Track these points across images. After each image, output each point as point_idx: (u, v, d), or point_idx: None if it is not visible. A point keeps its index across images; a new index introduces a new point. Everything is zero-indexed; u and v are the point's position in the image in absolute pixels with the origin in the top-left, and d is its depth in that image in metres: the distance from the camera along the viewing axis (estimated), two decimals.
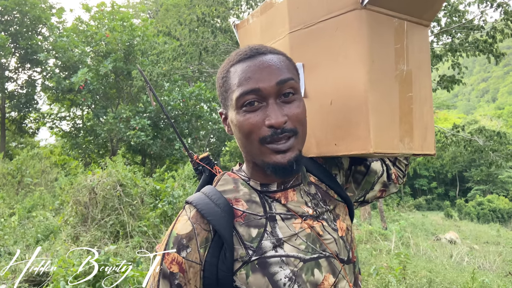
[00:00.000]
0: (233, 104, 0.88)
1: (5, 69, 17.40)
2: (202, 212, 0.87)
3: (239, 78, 0.87)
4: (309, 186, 1.00)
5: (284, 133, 0.85)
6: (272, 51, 0.91)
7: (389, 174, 1.25)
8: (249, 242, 0.85)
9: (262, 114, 0.85)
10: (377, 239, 10.25)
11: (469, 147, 10.27)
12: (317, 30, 1.05)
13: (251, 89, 0.84)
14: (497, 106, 71.73)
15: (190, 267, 0.83)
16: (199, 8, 10.97)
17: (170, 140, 15.82)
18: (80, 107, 18.07)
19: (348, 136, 0.99)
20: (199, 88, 15.97)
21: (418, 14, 1.06)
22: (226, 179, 0.97)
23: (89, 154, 17.96)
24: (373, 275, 5.32)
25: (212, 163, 1.23)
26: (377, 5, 0.97)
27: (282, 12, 1.14)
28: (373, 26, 0.97)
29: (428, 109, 1.09)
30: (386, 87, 0.99)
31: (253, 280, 0.82)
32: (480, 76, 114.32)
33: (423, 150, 1.06)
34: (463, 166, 35.95)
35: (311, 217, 0.93)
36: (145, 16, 24.36)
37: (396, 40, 1.02)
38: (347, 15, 0.98)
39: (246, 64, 0.88)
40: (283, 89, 0.86)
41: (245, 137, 0.88)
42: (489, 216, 26.12)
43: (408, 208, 26.25)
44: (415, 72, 1.05)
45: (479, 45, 8.22)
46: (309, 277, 0.85)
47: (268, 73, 0.86)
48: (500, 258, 9.63)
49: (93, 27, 17.00)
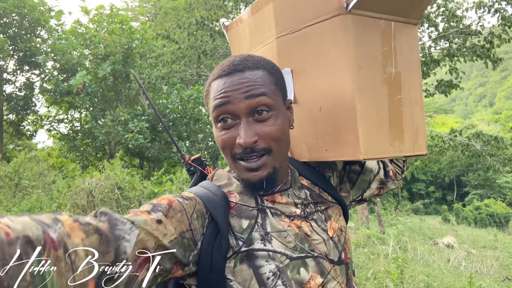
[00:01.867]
0: (212, 119, 0.91)
1: (3, 71, 17.37)
2: (202, 199, 0.89)
3: (214, 94, 0.89)
4: (300, 190, 1.01)
5: (254, 153, 0.86)
6: (251, 67, 0.90)
7: (387, 171, 1.26)
8: (239, 233, 0.87)
9: (234, 132, 0.87)
10: (375, 243, 10.25)
11: (466, 151, 10.31)
12: (304, 35, 1.04)
13: (222, 105, 0.86)
14: (495, 111, 71.94)
15: (180, 211, 0.81)
16: (198, 12, 11.00)
17: (168, 143, 15.81)
18: (78, 110, 18.04)
19: (338, 142, 0.99)
20: (198, 91, 15.98)
21: (405, 13, 1.04)
22: (220, 173, 1.00)
23: (87, 156, 17.92)
24: (371, 279, 5.32)
25: (204, 164, 1.25)
26: (363, 8, 0.95)
27: (268, 16, 1.12)
28: (358, 31, 0.96)
29: (419, 110, 1.08)
30: (374, 92, 0.98)
31: (239, 270, 0.83)
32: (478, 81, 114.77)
33: (414, 151, 1.06)
34: (461, 170, 36.02)
35: (298, 217, 0.94)
36: (144, 19, 24.38)
37: (383, 43, 1.00)
38: (332, 20, 0.96)
39: (223, 81, 0.88)
40: (254, 106, 0.86)
41: (221, 151, 0.92)
42: (486, 220, 26.14)
43: (406, 212, 26.26)
44: (404, 74, 1.04)
45: (477, 50, 8.28)
46: (295, 275, 0.85)
47: (239, 91, 0.86)
48: (498, 263, 9.63)
49: (92, 30, 17.00)
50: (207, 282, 0.83)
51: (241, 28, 1.31)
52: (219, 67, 0.92)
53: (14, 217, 0.58)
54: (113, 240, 0.66)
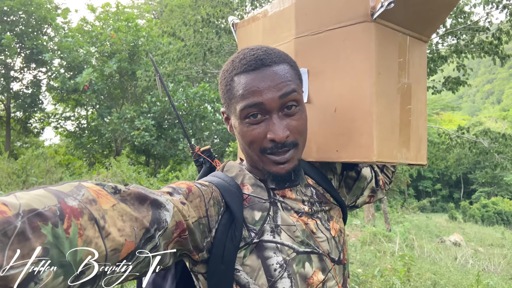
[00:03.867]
0: (237, 114, 0.89)
1: (10, 69, 17.49)
2: (217, 187, 0.89)
3: (243, 91, 0.87)
4: (306, 188, 1.02)
5: (284, 147, 0.88)
6: (277, 61, 0.90)
7: (377, 180, 1.30)
8: (252, 225, 0.88)
9: (264, 127, 0.87)
10: (381, 240, 10.22)
11: (474, 149, 10.23)
12: (325, 38, 1.06)
13: (254, 103, 0.86)
14: (502, 108, 71.37)
15: (198, 196, 0.82)
16: (203, 9, 10.98)
17: (174, 140, 15.85)
18: (84, 107, 18.14)
19: (351, 143, 1.02)
20: (203, 88, 15.99)
21: (420, 30, 1.10)
22: (232, 165, 1.00)
23: (94, 154, 18.03)
24: (377, 277, 5.31)
25: (213, 156, 1.26)
26: (386, 19, 0.99)
27: (288, 17, 1.15)
28: (380, 39, 0.99)
29: (423, 122, 1.14)
30: (389, 99, 1.03)
31: (249, 261, 0.84)
32: (485, 77, 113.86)
33: (417, 160, 1.12)
34: (468, 168, 35.80)
35: (306, 214, 0.96)
36: (150, 17, 24.43)
37: (400, 54, 1.05)
38: (356, 26, 1.00)
39: (251, 77, 0.87)
40: (286, 102, 0.87)
41: (247, 145, 0.91)
42: (493, 218, 25.97)
43: (412, 210, 26.15)
44: (414, 86, 1.09)
45: (485, 46, 8.19)
46: (300, 268, 0.87)
47: (271, 87, 0.86)
48: (505, 261, 9.57)
49: (98, 28, 17.07)
50: (216, 271, 0.83)
51: (253, 27, 1.33)
52: (240, 61, 0.90)
53: (25, 192, 0.53)
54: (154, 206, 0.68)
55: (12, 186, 10.73)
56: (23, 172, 11.26)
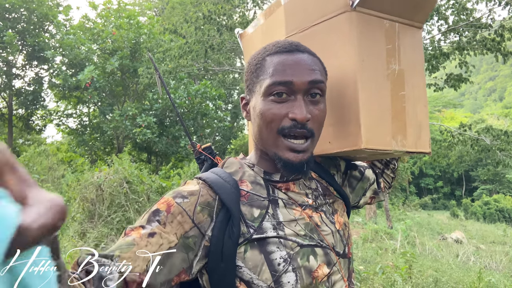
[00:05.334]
0: (262, 91, 0.91)
1: (12, 66, 17.50)
2: (212, 185, 0.89)
3: (274, 68, 0.90)
4: (310, 181, 1.03)
5: (303, 129, 0.88)
6: (310, 52, 0.94)
7: (378, 183, 1.32)
8: (250, 221, 0.87)
9: (287, 107, 0.88)
10: (383, 238, 10.23)
11: (476, 146, 10.21)
12: (311, 33, 1.10)
13: (284, 81, 0.88)
14: (504, 105, 71.21)
15: (179, 213, 0.82)
16: (205, 6, 10.96)
17: (175, 137, 15.85)
18: (86, 105, 18.14)
19: (341, 133, 1.03)
20: (205, 86, 15.98)
21: (408, 16, 1.10)
22: (232, 161, 1.00)
23: (95, 151, 18.04)
24: (379, 274, 5.32)
25: (214, 153, 1.26)
26: (367, 7, 1.01)
27: (280, 18, 1.18)
28: (363, 27, 1.01)
29: (422, 108, 1.12)
30: (377, 86, 1.03)
31: (250, 256, 0.84)
32: (488, 74, 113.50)
33: (417, 148, 1.09)
34: (470, 165, 35.76)
35: (310, 207, 0.96)
36: (151, 14, 24.39)
37: (387, 41, 1.06)
38: (338, 17, 1.03)
39: (284, 57, 0.90)
40: (312, 88, 0.89)
41: (264, 125, 0.90)
42: (495, 215, 25.96)
43: (414, 207, 26.15)
44: (408, 72, 1.09)
45: (487, 43, 8.16)
46: (304, 262, 0.86)
47: (303, 70, 0.89)
48: (507, 258, 9.57)
49: (99, 25, 17.03)
50: (217, 268, 0.83)
51: (254, 35, 1.37)
52: (274, 45, 0.94)
53: None
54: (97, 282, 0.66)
55: None
56: (25, 169, 11.29)
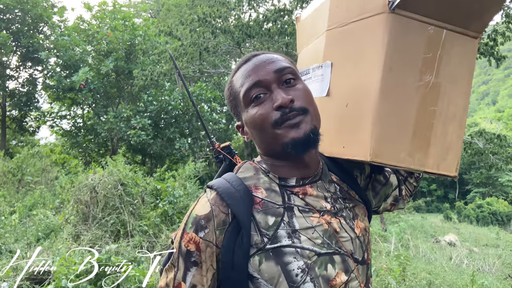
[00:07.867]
0: (243, 104, 0.93)
1: (6, 67, 17.37)
2: (222, 195, 0.88)
3: (241, 80, 0.93)
4: (330, 184, 1.00)
5: (293, 111, 0.87)
6: (267, 53, 0.97)
7: (400, 190, 1.26)
8: (265, 230, 0.86)
9: (269, 102, 0.90)
10: (377, 240, 10.25)
11: (469, 149, 10.28)
12: (348, 31, 1.04)
13: (253, 83, 0.90)
14: (497, 109, 71.66)
15: (207, 247, 0.85)
16: (200, 8, 10.97)
17: (170, 139, 15.80)
18: (80, 106, 18.05)
19: (354, 140, 0.98)
20: (200, 88, 15.96)
21: (462, 24, 0.98)
22: (247, 167, 0.99)
23: (89, 153, 17.94)
24: (373, 276, 5.33)
25: (233, 152, 1.26)
26: (408, 10, 0.92)
27: (325, 9, 1.12)
28: (397, 32, 0.92)
29: (456, 127, 1.00)
30: (402, 97, 0.95)
31: (266, 268, 0.83)
32: (481, 78, 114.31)
33: (439, 169, 0.99)
34: (463, 168, 35.90)
35: (329, 212, 0.94)
36: (147, 16, 24.34)
37: (427, 49, 0.96)
38: (374, 17, 0.96)
39: (245, 67, 0.95)
40: (283, 76, 0.91)
41: (259, 129, 0.91)
42: (488, 218, 26.07)
43: (408, 210, 26.19)
44: (446, 86, 0.98)
45: (480, 47, 8.23)
46: (322, 271, 0.85)
47: (264, 66, 0.92)
48: (500, 261, 9.62)
49: (94, 26, 16.97)
50: (228, 278, 0.84)
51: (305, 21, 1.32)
52: (235, 65, 0.99)
53: None
54: None
55: (7, 185, 10.68)
56: (19, 171, 11.21)
